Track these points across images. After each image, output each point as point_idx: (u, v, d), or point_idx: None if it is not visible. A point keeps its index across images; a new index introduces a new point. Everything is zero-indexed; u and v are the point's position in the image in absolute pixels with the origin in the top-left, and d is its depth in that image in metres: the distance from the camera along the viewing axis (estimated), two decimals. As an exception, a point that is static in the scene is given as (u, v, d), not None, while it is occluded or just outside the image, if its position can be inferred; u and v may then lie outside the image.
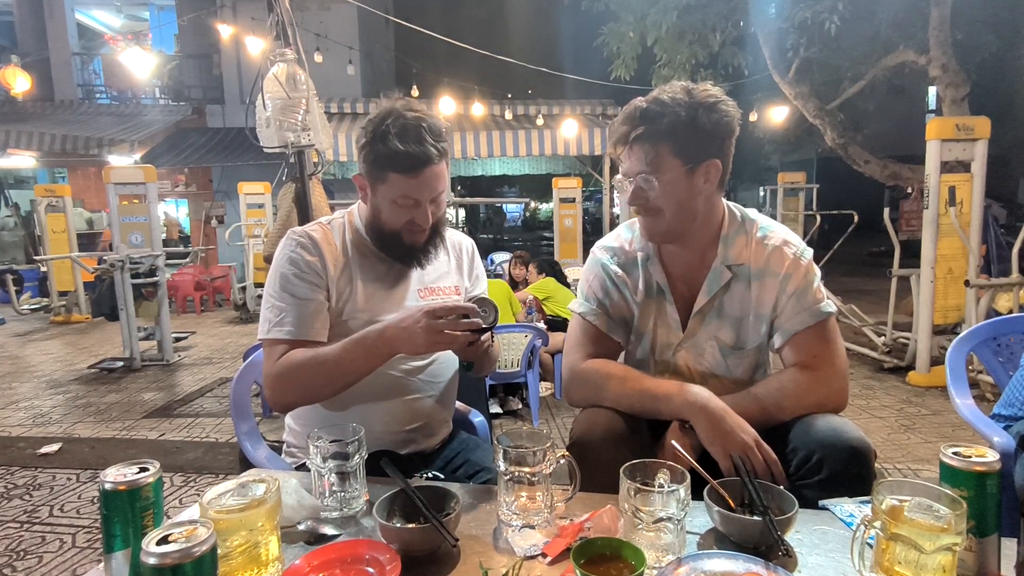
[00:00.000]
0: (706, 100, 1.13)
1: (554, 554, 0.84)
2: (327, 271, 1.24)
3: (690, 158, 1.14)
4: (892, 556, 0.72)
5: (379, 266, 1.30)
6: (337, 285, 1.24)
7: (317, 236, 1.26)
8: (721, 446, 1.05)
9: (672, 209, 1.17)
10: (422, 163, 1.17)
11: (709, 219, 1.23)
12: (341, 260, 1.26)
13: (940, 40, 5.57)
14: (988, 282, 4.03)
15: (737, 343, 1.25)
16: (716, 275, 1.22)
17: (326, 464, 0.97)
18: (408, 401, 1.30)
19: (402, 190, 1.19)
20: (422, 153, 1.16)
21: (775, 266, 1.21)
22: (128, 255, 5.07)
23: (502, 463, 0.91)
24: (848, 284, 8.20)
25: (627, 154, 1.18)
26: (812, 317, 1.18)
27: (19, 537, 2.39)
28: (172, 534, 0.63)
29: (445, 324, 1.05)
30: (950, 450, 0.79)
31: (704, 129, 1.13)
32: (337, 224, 1.32)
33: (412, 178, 1.18)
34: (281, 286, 1.22)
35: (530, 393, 3.74)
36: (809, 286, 1.20)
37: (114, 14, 13.76)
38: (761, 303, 1.22)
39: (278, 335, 1.18)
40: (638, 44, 7.38)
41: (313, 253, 1.23)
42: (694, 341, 1.26)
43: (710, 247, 1.24)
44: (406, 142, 1.15)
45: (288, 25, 2.93)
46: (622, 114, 1.19)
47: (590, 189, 9.32)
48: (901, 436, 3.35)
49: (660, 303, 1.28)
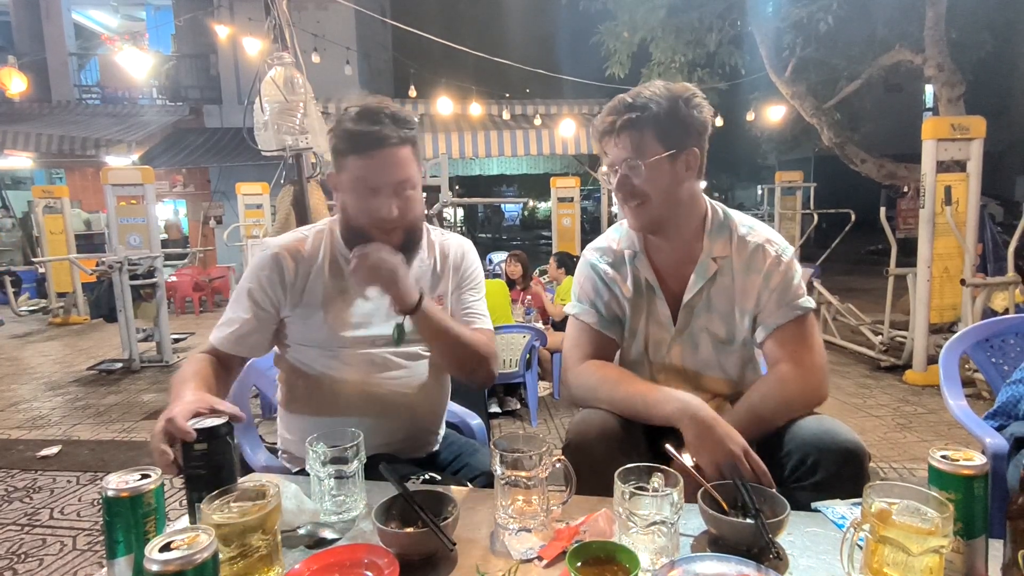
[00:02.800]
0: (683, 93, 1.20)
1: (550, 557, 0.85)
2: (287, 285, 1.25)
3: (672, 144, 1.20)
4: (881, 558, 0.74)
5: (349, 277, 1.26)
6: (305, 295, 1.25)
7: (288, 249, 1.27)
8: (710, 455, 1.06)
9: (657, 195, 1.21)
10: (376, 142, 1.15)
11: (692, 211, 1.27)
12: (316, 268, 1.26)
13: (936, 39, 5.59)
14: (984, 281, 4.05)
15: (727, 336, 1.28)
16: (703, 267, 1.26)
17: (325, 469, 0.98)
18: (392, 412, 1.28)
19: (357, 172, 1.17)
20: (376, 132, 1.15)
21: (758, 263, 1.25)
22: (127, 256, 5.07)
23: (499, 467, 0.93)
24: (845, 282, 8.22)
25: (613, 143, 1.22)
26: (792, 312, 1.23)
27: (19, 540, 2.40)
28: (174, 541, 0.64)
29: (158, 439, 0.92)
30: (938, 453, 0.80)
31: (683, 119, 1.20)
32: (320, 231, 1.32)
33: (367, 159, 1.16)
34: (235, 295, 1.29)
35: (528, 393, 3.76)
36: (790, 283, 1.24)
37: (111, 14, 13.73)
38: (745, 297, 1.26)
39: (211, 336, 1.27)
40: (633, 43, 7.39)
41: (273, 269, 1.25)
42: (687, 335, 1.29)
43: (695, 241, 1.28)
44: (360, 123, 1.16)
45: (286, 26, 2.93)
46: (606, 109, 1.24)
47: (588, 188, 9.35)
48: (897, 435, 3.37)
49: (650, 299, 1.31)
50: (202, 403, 0.95)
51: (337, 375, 1.26)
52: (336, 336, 1.25)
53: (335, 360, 1.26)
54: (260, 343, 1.27)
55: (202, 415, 0.93)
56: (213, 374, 1.19)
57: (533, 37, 14.78)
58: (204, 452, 0.88)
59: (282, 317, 1.27)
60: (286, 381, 1.33)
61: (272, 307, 1.25)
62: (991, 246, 4.91)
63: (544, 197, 23.05)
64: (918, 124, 4.40)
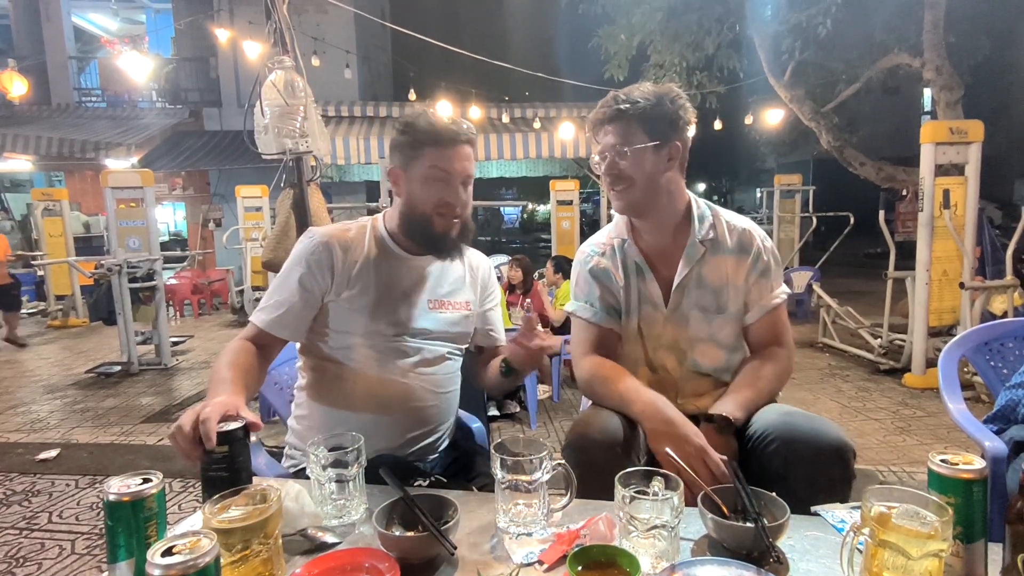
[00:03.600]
0: (669, 92, 1.33)
1: (550, 561, 0.85)
2: (335, 271, 1.31)
3: (657, 136, 1.30)
4: (880, 562, 0.74)
5: (397, 271, 1.36)
6: (351, 283, 1.31)
7: (336, 237, 1.34)
8: (668, 447, 1.12)
9: (641, 179, 1.31)
10: (455, 137, 1.31)
11: (674, 200, 1.37)
12: (363, 257, 1.34)
13: (934, 43, 5.62)
14: (983, 284, 4.06)
15: (719, 307, 1.36)
16: (692, 249, 1.35)
17: (325, 472, 0.98)
18: (413, 408, 1.33)
19: (435, 161, 1.30)
20: (455, 129, 1.31)
21: (746, 244, 1.37)
22: (126, 259, 5.07)
23: (499, 471, 0.93)
24: (844, 285, 8.23)
25: (604, 133, 1.34)
26: (776, 299, 1.37)
27: (18, 544, 2.40)
28: (176, 545, 0.64)
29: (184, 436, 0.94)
30: (938, 457, 0.80)
31: (668, 114, 1.31)
32: (363, 226, 1.40)
33: (446, 150, 1.30)
34: (280, 280, 1.34)
35: (528, 396, 3.76)
36: (772, 270, 1.38)
37: (111, 17, 13.77)
38: (737, 275, 1.36)
39: (255, 319, 1.32)
40: (632, 46, 7.41)
41: (323, 254, 1.31)
42: (679, 313, 1.37)
43: (681, 227, 1.38)
44: (441, 121, 1.32)
45: (286, 30, 2.94)
46: (600, 104, 1.36)
47: (587, 191, 9.36)
48: (897, 438, 3.37)
49: (642, 281, 1.39)
50: (231, 407, 0.98)
51: (370, 363, 1.31)
52: (377, 324, 1.31)
53: (370, 349, 1.31)
54: (301, 327, 1.33)
55: (230, 417, 0.96)
56: (255, 364, 1.25)
57: (532, 40, 14.82)
58: (225, 455, 0.92)
59: (326, 302, 1.32)
60: (314, 369, 1.36)
61: (319, 291, 1.31)
62: (990, 249, 4.93)
63: (543, 200, 23.08)
64: (916, 127, 4.41)
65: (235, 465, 0.92)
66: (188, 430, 0.93)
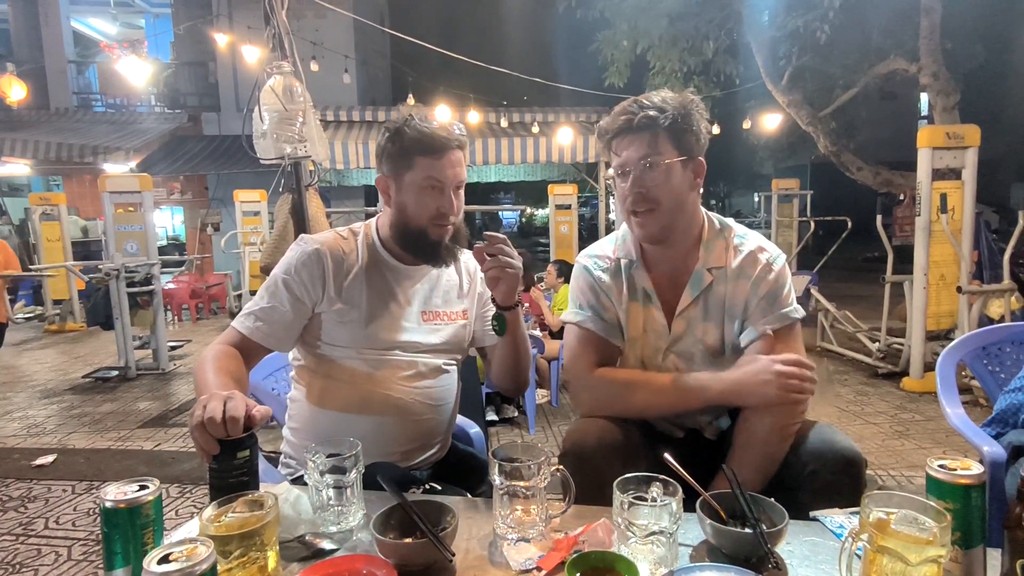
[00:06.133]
0: (695, 102, 1.22)
1: (549, 567, 0.85)
2: (326, 281, 1.27)
3: (684, 151, 1.21)
4: (879, 568, 0.74)
5: (389, 283, 1.32)
6: (343, 294, 1.28)
7: (329, 246, 1.30)
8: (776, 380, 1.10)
9: (668, 201, 1.21)
10: (445, 144, 1.25)
11: (693, 221, 1.28)
12: (355, 268, 1.31)
13: (930, 49, 5.65)
14: (980, 288, 4.07)
15: (721, 347, 1.28)
16: (697, 278, 1.26)
17: (323, 479, 0.98)
18: (410, 421, 1.30)
19: (427, 171, 1.25)
20: (445, 135, 1.25)
21: (748, 269, 1.26)
22: (123, 264, 5.06)
23: (497, 477, 0.93)
24: (842, 290, 8.24)
25: (627, 143, 1.21)
26: (779, 320, 1.24)
27: (14, 550, 2.38)
28: (173, 553, 0.64)
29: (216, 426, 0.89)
30: (936, 463, 0.80)
31: (695, 126, 1.21)
32: (356, 234, 1.37)
33: (437, 159, 1.25)
34: (268, 288, 1.29)
35: (526, 401, 3.75)
36: (780, 290, 1.25)
37: (110, 22, 13.76)
38: (734, 304, 1.26)
39: (238, 325, 1.28)
40: (631, 52, 7.44)
41: (315, 264, 1.27)
42: (682, 345, 1.29)
43: (692, 251, 1.29)
44: (430, 127, 1.25)
45: (285, 35, 2.95)
46: (617, 110, 1.23)
47: (586, 195, 9.38)
48: (895, 442, 3.37)
49: (647, 308, 1.30)
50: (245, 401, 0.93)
51: (363, 377, 1.28)
52: (369, 338, 1.28)
53: (363, 362, 1.28)
54: (289, 337, 1.29)
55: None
56: (243, 371, 1.20)
57: (531, 45, 14.87)
58: (246, 459, 0.90)
59: (317, 312, 1.29)
60: (306, 380, 1.33)
61: (309, 301, 1.28)
62: (987, 253, 4.93)
63: (542, 204, 23.11)
64: (913, 132, 4.43)
65: (253, 468, 0.91)
66: (220, 420, 0.87)
